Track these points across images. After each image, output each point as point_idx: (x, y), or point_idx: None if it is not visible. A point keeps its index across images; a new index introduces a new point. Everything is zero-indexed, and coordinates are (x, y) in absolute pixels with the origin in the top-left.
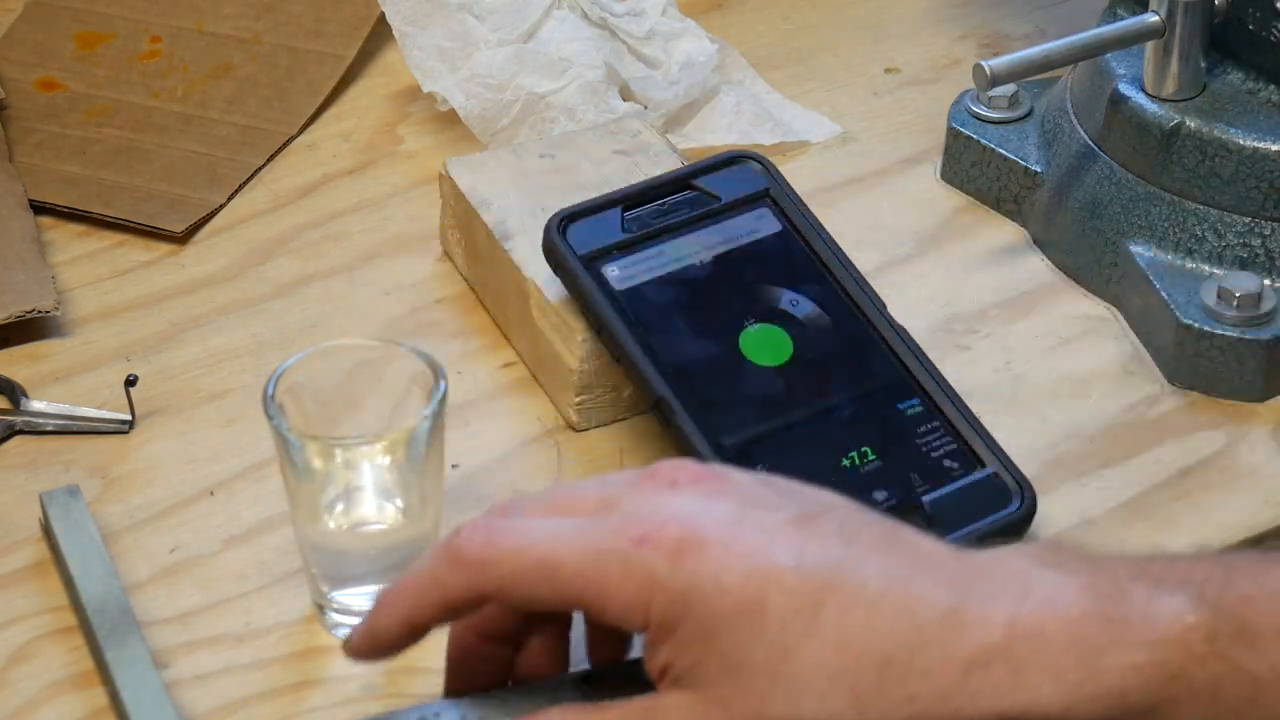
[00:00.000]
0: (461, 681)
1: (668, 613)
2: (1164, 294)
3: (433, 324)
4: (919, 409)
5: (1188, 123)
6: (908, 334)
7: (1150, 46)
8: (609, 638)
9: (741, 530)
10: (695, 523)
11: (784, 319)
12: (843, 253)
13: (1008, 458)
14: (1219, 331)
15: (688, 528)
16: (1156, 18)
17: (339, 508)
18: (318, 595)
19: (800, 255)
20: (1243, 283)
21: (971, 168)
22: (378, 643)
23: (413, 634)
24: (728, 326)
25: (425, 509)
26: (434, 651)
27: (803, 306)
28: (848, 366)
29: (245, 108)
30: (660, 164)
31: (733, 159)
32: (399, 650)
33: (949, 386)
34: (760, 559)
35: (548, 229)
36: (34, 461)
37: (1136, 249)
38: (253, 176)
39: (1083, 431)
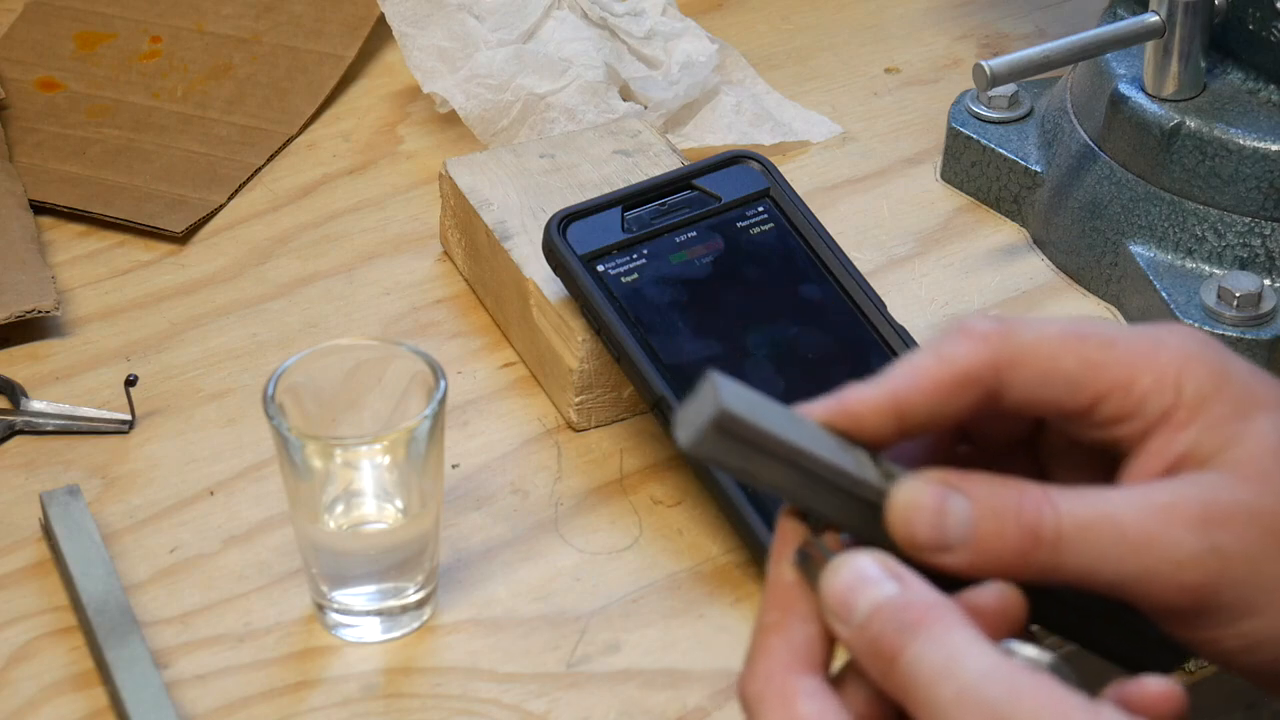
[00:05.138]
0: None
1: (1203, 387)
2: (1164, 294)
3: (433, 324)
4: None
5: (1188, 123)
6: (908, 334)
7: (1150, 46)
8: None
9: None
10: None
11: (784, 319)
12: (843, 253)
13: None
14: (1219, 331)
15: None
16: (1156, 18)
17: (339, 508)
18: (318, 595)
19: (800, 255)
20: (1243, 283)
21: (971, 168)
22: (851, 417)
23: (897, 417)
24: (728, 326)
25: (425, 509)
26: (433, 651)
27: (803, 306)
28: (848, 366)
29: (245, 108)
30: (660, 164)
31: (733, 159)
32: (871, 436)
33: None
34: None
35: (548, 229)
36: (34, 461)
37: (1136, 249)
38: (253, 176)
39: None
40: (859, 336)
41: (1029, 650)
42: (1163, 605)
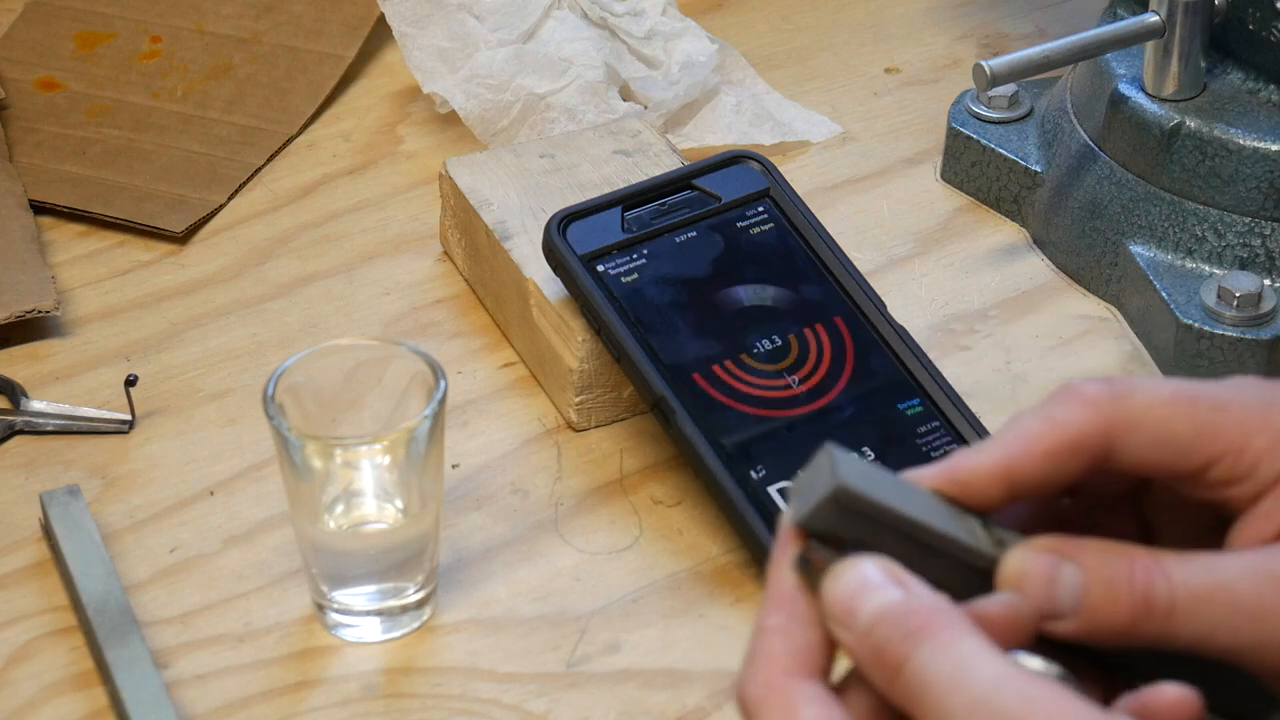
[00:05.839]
0: None
1: None
2: (1164, 294)
3: (433, 324)
4: (919, 409)
5: (1188, 123)
6: (908, 334)
7: (1150, 46)
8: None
9: None
10: None
11: (784, 318)
12: (843, 253)
13: None
14: (1219, 331)
15: None
16: (1156, 18)
17: (339, 508)
18: (318, 595)
19: (800, 255)
20: (1243, 283)
21: (971, 168)
22: (961, 484)
23: (1008, 485)
24: (728, 326)
25: (425, 509)
26: (433, 651)
27: (803, 306)
28: (848, 366)
29: (245, 108)
30: (660, 164)
31: (733, 159)
32: (981, 502)
33: (949, 386)
34: None
35: (548, 229)
36: (34, 461)
37: (1136, 249)
38: (253, 176)
39: None
40: (859, 337)
41: (1035, 662)
42: (1276, 671)
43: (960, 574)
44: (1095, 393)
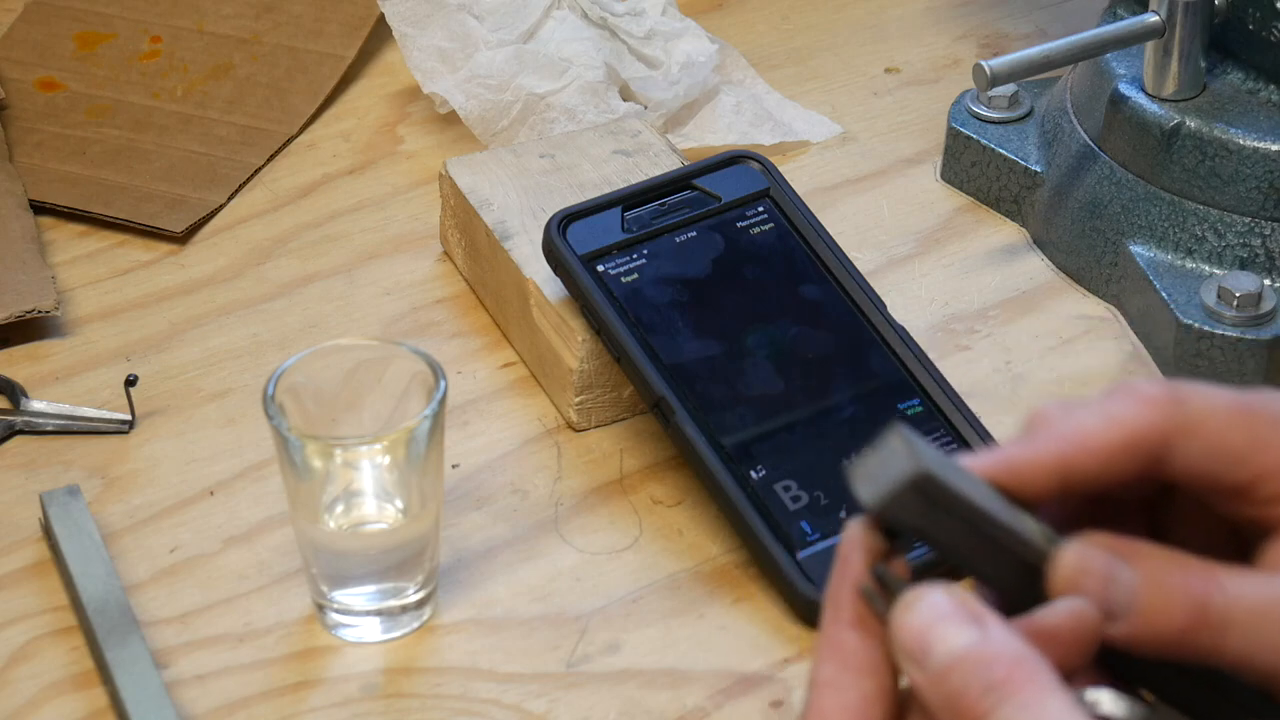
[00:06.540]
0: None
1: None
2: (1164, 294)
3: (433, 324)
4: (919, 409)
5: (1188, 123)
6: (908, 334)
7: (1150, 46)
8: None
9: None
10: None
11: (784, 319)
12: (843, 253)
13: None
14: (1219, 331)
15: None
16: (1156, 18)
17: (339, 508)
18: (318, 595)
19: (800, 255)
20: (1243, 283)
21: (971, 168)
22: (1017, 476)
23: (1062, 479)
24: (728, 326)
25: (425, 509)
26: (433, 651)
27: (803, 306)
28: (848, 366)
29: (245, 108)
30: (660, 164)
31: (733, 159)
32: (1031, 495)
33: (949, 386)
34: None
35: (548, 229)
36: (34, 461)
37: (1136, 249)
38: (253, 176)
39: None
40: (859, 336)
41: (1108, 702)
42: None
43: (1013, 568)
44: (1154, 393)
